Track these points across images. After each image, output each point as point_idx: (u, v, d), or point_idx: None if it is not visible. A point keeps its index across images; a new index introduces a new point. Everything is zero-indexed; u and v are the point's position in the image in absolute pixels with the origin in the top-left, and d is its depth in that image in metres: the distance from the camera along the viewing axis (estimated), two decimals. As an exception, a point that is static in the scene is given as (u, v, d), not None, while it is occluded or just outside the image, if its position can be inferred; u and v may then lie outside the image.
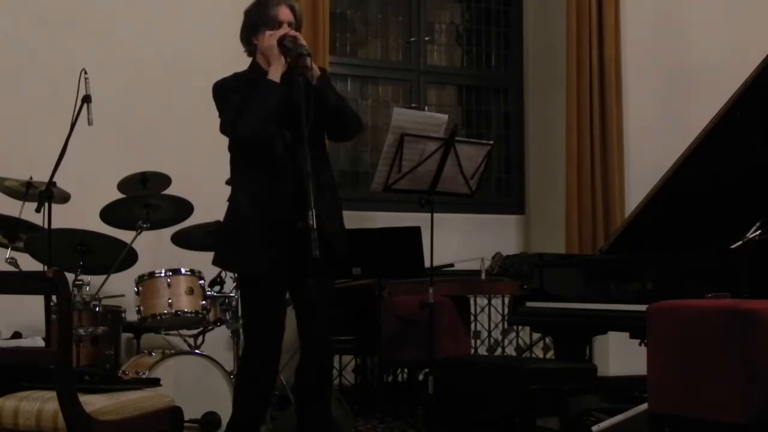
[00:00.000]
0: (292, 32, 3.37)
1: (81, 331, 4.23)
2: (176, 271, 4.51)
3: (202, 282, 4.53)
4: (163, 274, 4.48)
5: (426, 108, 6.46)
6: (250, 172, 3.38)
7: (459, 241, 6.17)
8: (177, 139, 5.39)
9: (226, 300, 4.60)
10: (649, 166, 5.16)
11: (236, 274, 3.87)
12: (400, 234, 4.96)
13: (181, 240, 4.76)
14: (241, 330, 4.29)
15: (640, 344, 3.87)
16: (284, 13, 3.41)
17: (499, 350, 6.25)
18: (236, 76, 3.44)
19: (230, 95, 3.35)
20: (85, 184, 4.83)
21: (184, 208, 4.59)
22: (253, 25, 3.44)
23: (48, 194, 4.07)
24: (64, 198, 4.45)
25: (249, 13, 3.47)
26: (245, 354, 3.47)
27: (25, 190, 4.44)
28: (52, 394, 2.76)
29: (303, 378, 3.45)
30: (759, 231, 3.74)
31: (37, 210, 4.07)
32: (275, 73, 3.32)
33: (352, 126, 3.49)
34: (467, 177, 4.70)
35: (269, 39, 3.35)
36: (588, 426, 3.76)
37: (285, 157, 3.32)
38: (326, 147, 3.56)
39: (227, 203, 3.46)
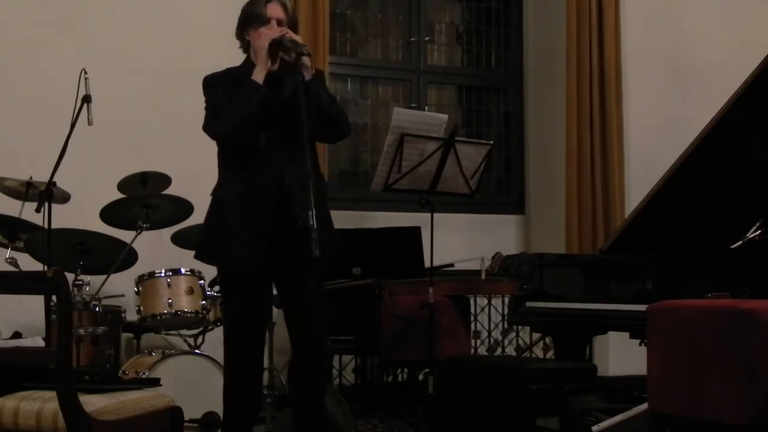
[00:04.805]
0: (290, 33, 3.36)
1: (81, 331, 4.22)
2: (176, 271, 4.52)
3: (202, 282, 4.53)
4: (163, 274, 4.49)
5: (426, 108, 6.46)
6: (232, 169, 3.36)
7: (459, 241, 6.16)
8: (177, 139, 5.38)
9: (226, 300, 4.60)
10: (649, 165, 5.16)
11: (217, 272, 3.79)
12: (400, 234, 4.96)
13: (181, 240, 4.76)
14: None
15: (640, 344, 3.87)
16: (273, 10, 3.38)
17: (499, 350, 6.25)
18: (228, 72, 3.42)
19: (214, 90, 3.34)
20: (85, 184, 4.82)
21: (184, 208, 4.59)
22: (245, 22, 3.43)
23: (48, 194, 4.07)
24: (64, 198, 4.45)
25: (243, 11, 3.46)
26: (228, 363, 3.39)
27: (25, 190, 4.44)
28: (52, 394, 2.76)
29: (297, 378, 3.41)
30: (759, 231, 3.74)
31: (37, 210, 4.07)
32: (259, 75, 3.29)
33: (342, 127, 3.44)
34: (467, 177, 4.70)
35: (261, 38, 3.32)
36: (588, 426, 3.75)
37: (268, 155, 3.30)
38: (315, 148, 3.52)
39: (210, 197, 3.43)
